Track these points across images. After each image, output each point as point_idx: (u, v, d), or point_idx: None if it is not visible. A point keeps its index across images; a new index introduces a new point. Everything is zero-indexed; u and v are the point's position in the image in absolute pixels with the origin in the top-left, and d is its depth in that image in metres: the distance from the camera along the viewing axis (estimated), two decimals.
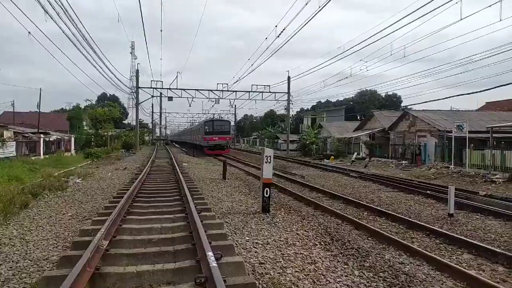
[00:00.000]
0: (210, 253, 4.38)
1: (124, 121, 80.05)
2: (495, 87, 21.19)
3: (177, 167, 17.25)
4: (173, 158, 25.38)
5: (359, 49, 39.19)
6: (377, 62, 49.31)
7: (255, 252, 6.00)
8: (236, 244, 6.31)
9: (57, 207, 9.94)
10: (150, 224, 6.73)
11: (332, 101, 70.47)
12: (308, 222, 8.46)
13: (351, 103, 65.67)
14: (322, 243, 6.91)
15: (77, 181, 15.15)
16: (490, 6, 14.18)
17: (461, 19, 14.47)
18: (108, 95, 73.11)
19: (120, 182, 14.43)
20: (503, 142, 19.74)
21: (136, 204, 8.58)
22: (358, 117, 55.25)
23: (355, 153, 32.49)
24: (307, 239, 7.06)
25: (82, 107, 61.14)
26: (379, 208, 10.08)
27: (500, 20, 14.10)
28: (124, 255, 5.06)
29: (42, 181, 13.51)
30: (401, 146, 29.72)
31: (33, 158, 24.47)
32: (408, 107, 41.34)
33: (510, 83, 17.11)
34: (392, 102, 61.97)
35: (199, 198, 9.40)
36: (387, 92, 63.58)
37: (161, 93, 47.82)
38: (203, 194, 10.95)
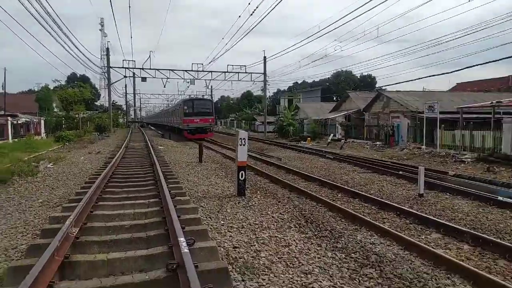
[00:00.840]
0: (182, 239, 4.34)
1: (96, 103, 77.65)
2: (464, 68, 21.95)
3: (152, 151, 16.95)
4: (148, 141, 24.94)
5: (334, 29, 39.12)
6: (352, 42, 49.54)
7: (230, 236, 6.01)
8: (210, 228, 6.30)
9: (27, 193, 9.64)
10: (122, 210, 6.60)
11: (309, 81, 70.69)
12: (283, 205, 8.53)
13: (327, 84, 66.05)
14: (297, 225, 6.99)
15: (48, 166, 14.68)
16: None
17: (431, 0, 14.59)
18: (78, 75, 70.45)
19: (93, 167, 14.08)
20: (471, 123, 20.41)
21: (108, 189, 8.39)
22: (334, 98, 55.75)
23: (331, 135, 32.91)
24: (282, 221, 7.13)
25: (51, 88, 58.72)
26: (353, 190, 10.28)
27: (469, 1, 14.33)
28: (95, 243, 4.95)
29: (10, 167, 13.01)
30: (375, 127, 30.30)
31: (0, 142, 23.51)
32: (383, 88, 42.00)
33: (479, 64, 17.56)
34: (367, 83, 62.76)
35: (174, 183, 9.29)
36: (362, 73, 64.34)
37: (134, 73, 46.46)
38: (178, 178, 10.83)
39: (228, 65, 39.74)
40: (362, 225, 6.99)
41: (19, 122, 32.35)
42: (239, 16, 27.00)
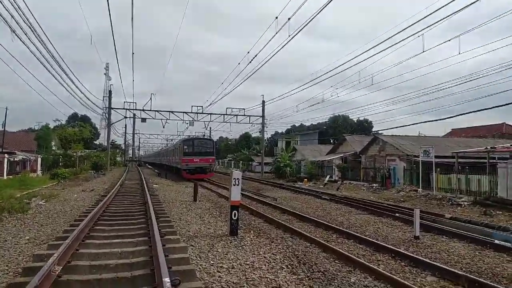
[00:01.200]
0: (167, 279, 4.21)
1: (95, 142, 78.08)
2: (457, 115, 22.33)
3: (146, 189, 16.81)
4: (143, 179, 24.79)
5: (330, 76, 40.26)
6: (348, 89, 50.91)
7: (219, 277, 5.82)
8: (199, 268, 6.12)
9: (14, 230, 9.42)
10: (109, 248, 6.44)
11: (306, 125, 71.65)
12: (276, 245, 8.34)
13: (325, 127, 66.94)
14: (289, 266, 6.80)
15: (40, 203, 14.46)
16: (450, 40, 15.04)
17: (423, 51, 15.27)
18: (79, 115, 71.47)
19: (85, 204, 13.89)
20: (467, 167, 20.50)
21: (97, 227, 8.22)
22: (331, 141, 56.24)
23: (328, 176, 32.84)
24: (274, 262, 6.94)
25: (52, 127, 59.26)
26: (347, 231, 10.10)
27: (459, 53, 15.00)
28: (78, 282, 4.79)
29: (1, 203, 12.81)
30: (372, 170, 30.33)
31: None
32: (379, 132, 42.54)
33: (472, 112, 17.96)
34: (363, 127, 63.60)
35: (166, 221, 9.14)
36: (359, 117, 65.41)
37: (134, 114, 47.05)
38: (171, 217, 10.66)
39: (227, 108, 40.57)
40: (356, 267, 6.80)
41: (15, 159, 32.27)
42: (239, 63, 28.18)
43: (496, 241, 8.91)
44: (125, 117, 42.17)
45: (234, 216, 8.90)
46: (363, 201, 17.89)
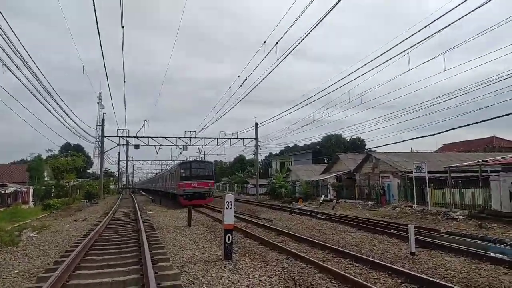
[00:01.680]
0: None
1: (88, 170, 77.43)
2: (447, 130, 22.66)
3: (139, 216, 16.60)
4: (137, 207, 24.50)
5: (322, 96, 40.92)
6: (339, 108, 51.60)
7: None
8: None
9: (4, 263, 9.19)
10: (100, 278, 6.30)
11: (300, 145, 71.91)
12: (272, 268, 8.22)
13: (318, 147, 67.24)
14: None
15: (31, 235, 14.19)
16: (434, 57, 15.46)
17: (410, 70, 15.65)
18: (72, 144, 71.18)
19: (77, 235, 13.63)
20: (460, 181, 20.61)
21: (89, 257, 8.07)
22: (325, 160, 56.39)
23: (323, 195, 32.74)
24: (270, 285, 6.83)
25: (44, 157, 58.83)
26: (344, 250, 10.01)
27: (444, 70, 15.40)
28: None
29: None
30: (366, 187, 30.34)
31: None
32: (372, 149, 42.82)
33: (461, 126, 18.26)
34: (356, 145, 64.03)
35: (159, 248, 9.00)
36: (351, 136, 65.93)
37: (127, 141, 47.05)
38: (164, 243, 10.50)
39: (220, 132, 40.79)
40: (353, 287, 6.71)
41: (7, 191, 31.80)
42: (229, 87, 28.51)
43: (492, 254, 8.88)
44: (118, 145, 42.19)
45: (228, 240, 8.80)
46: (359, 219, 17.81)
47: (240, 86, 22.25)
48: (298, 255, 9.31)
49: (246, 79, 21.35)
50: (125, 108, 43.97)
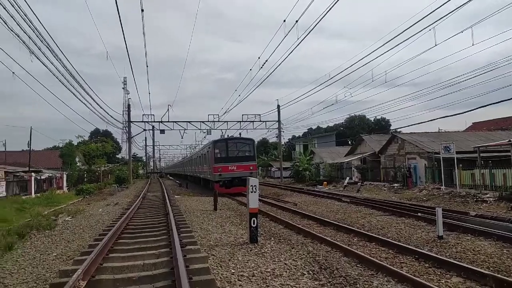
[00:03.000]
0: None
1: (117, 155, 79.80)
2: (476, 108, 21.65)
3: (167, 201, 17.08)
4: (165, 191, 25.16)
5: (344, 76, 40.19)
6: (362, 88, 50.51)
7: (240, 286, 5.87)
8: (220, 277, 6.19)
9: (42, 247, 9.72)
10: (132, 261, 6.59)
11: (323, 127, 71.18)
12: (297, 251, 8.34)
13: (342, 128, 66.35)
14: (310, 272, 6.79)
15: (66, 219, 14.90)
16: (462, 31, 14.78)
17: (436, 45, 15.06)
18: (101, 130, 73.29)
19: (110, 218, 14.20)
20: (490, 162, 19.93)
21: (121, 240, 8.43)
22: (349, 142, 55.67)
23: (347, 178, 32.49)
24: (295, 268, 6.95)
25: (75, 143, 61.04)
26: (369, 233, 9.98)
27: (473, 44, 14.72)
28: None
29: (30, 221, 13.28)
30: (392, 169, 29.85)
31: (23, 197, 24.17)
32: (397, 130, 41.87)
33: (491, 104, 17.55)
34: (381, 126, 62.74)
35: (187, 232, 9.27)
36: (375, 117, 64.61)
37: (153, 126, 47.94)
38: (191, 227, 10.81)
39: (243, 115, 40.81)
40: (379, 271, 6.72)
41: (42, 177, 33.33)
42: (250, 69, 28.37)
43: None
44: (144, 130, 43.03)
45: (253, 224, 8.96)
46: (384, 202, 17.64)
47: (261, 67, 22.09)
48: (323, 238, 9.38)
49: (266, 61, 21.19)
50: (149, 93, 44.58)
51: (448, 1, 12.67)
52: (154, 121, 40.82)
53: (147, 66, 23.44)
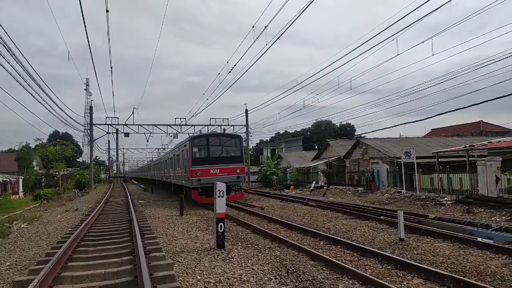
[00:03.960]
0: None
1: (78, 159, 76.70)
2: (435, 115, 22.89)
3: (131, 206, 16.57)
4: (128, 196, 24.42)
5: (312, 82, 41.04)
6: (329, 94, 51.78)
7: None
8: (186, 285, 6.05)
9: None
10: (93, 270, 6.31)
11: (290, 131, 72.07)
12: (264, 256, 8.32)
13: (309, 133, 67.45)
14: (277, 276, 6.78)
15: (22, 226, 14.09)
16: (423, 42, 15.51)
17: (398, 54, 15.71)
18: (61, 133, 70.24)
19: (69, 225, 13.57)
20: (448, 166, 20.93)
21: (81, 248, 8.06)
22: (316, 147, 56.68)
23: (314, 182, 33.02)
24: (262, 273, 6.92)
25: (33, 146, 58.04)
26: (335, 237, 10.15)
27: (433, 54, 15.48)
28: None
29: None
30: (356, 174, 30.66)
31: None
32: (362, 135, 43.15)
33: (449, 111, 18.49)
34: (346, 131, 64.43)
35: (151, 238, 9.01)
36: (341, 122, 66.28)
37: (117, 129, 46.56)
38: (156, 233, 10.53)
39: (210, 119, 40.51)
40: (344, 274, 6.83)
41: None
42: (219, 74, 28.25)
43: (479, 239, 9.11)
44: (108, 133, 41.73)
45: (220, 229, 8.87)
46: (349, 205, 18.04)
47: (229, 72, 22.01)
48: (290, 243, 9.43)
49: (235, 65, 21.16)
50: (113, 95, 43.21)
51: (409, 13, 13.27)
52: (118, 124, 39.66)
53: (111, 68, 22.69)
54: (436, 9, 12.92)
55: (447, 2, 12.83)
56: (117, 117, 39.31)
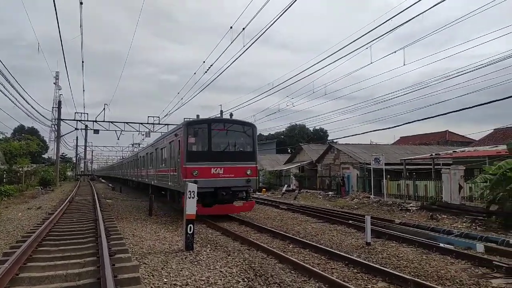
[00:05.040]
0: None
1: (43, 155, 73.77)
2: (404, 124, 23.62)
3: (98, 205, 16.08)
4: (95, 195, 23.71)
5: (287, 86, 41.30)
6: (304, 98, 52.38)
7: None
8: (152, 287, 5.91)
9: None
10: (54, 271, 6.05)
11: (264, 134, 72.41)
12: (233, 258, 8.28)
13: (283, 136, 67.99)
14: (245, 279, 6.76)
15: None
16: (395, 52, 16.00)
17: (371, 63, 16.13)
18: (26, 127, 67.38)
19: (30, 223, 12.98)
20: (415, 174, 21.64)
21: (42, 248, 7.72)
22: (289, 150, 57.20)
23: (286, 185, 33.29)
24: (230, 276, 6.87)
25: None
26: (304, 240, 10.24)
27: (404, 64, 16.01)
28: None
29: None
30: (327, 178, 31.16)
31: None
32: (334, 140, 43.96)
33: (417, 120, 19.10)
34: (319, 136, 65.45)
35: (117, 239, 8.76)
36: (315, 127, 67.29)
37: (86, 126, 45.13)
38: (123, 234, 10.27)
39: (184, 118, 39.84)
40: (311, 277, 6.89)
41: None
42: (195, 73, 27.90)
43: (441, 245, 9.44)
44: (76, 129, 40.37)
45: (190, 230, 8.75)
46: (319, 209, 18.29)
47: (205, 72, 21.80)
48: (260, 245, 9.43)
49: (211, 66, 21.00)
50: (84, 90, 41.50)
51: (383, 23, 13.63)
52: (88, 120, 38.43)
53: (82, 62, 21.93)
54: (408, 20, 13.35)
55: (419, 15, 13.30)
56: (87, 113, 38.22)
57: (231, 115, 24.41)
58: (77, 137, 71.64)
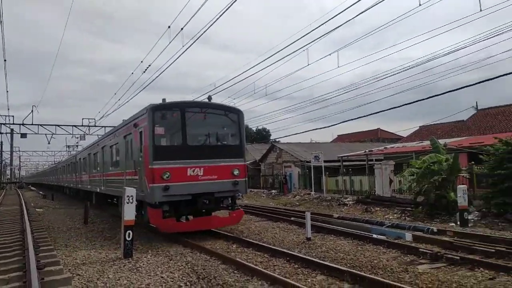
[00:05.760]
0: None
1: None
2: (339, 123, 24.98)
3: (26, 215, 14.83)
4: (23, 204, 21.84)
5: (229, 86, 41.42)
6: (246, 98, 52.93)
7: None
8: None
9: None
10: None
11: None
12: (175, 263, 8.10)
13: None
14: (187, 283, 6.65)
15: None
16: (330, 54, 16.76)
17: (308, 64, 16.77)
18: None
19: None
20: (351, 170, 22.85)
21: None
22: None
23: None
24: (172, 281, 6.72)
25: None
26: (247, 239, 10.32)
27: (338, 66, 16.84)
28: None
29: None
30: (270, 177, 31.75)
31: None
32: (276, 140, 44.86)
33: (351, 119, 20.22)
34: (262, 135, 66.34)
35: (48, 250, 8.16)
36: (257, 127, 68.08)
37: (12, 129, 41.33)
38: (55, 245, 9.61)
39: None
40: (254, 275, 6.96)
41: None
42: (132, 73, 26.84)
43: (375, 236, 10.07)
44: (1, 133, 36.79)
45: (128, 237, 8.41)
46: (263, 207, 18.58)
47: (144, 72, 21.05)
48: (202, 247, 9.35)
49: (150, 65, 20.34)
50: (7, 91, 37.98)
51: (318, 27, 14.24)
52: (14, 123, 35.19)
53: (5, 61, 20.01)
54: (341, 25, 14.07)
55: (350, 20, 14.06)
56: (12, 116, 35.05)
57: (209, 98, 16.19)
58: (1, 142, 65.20)
